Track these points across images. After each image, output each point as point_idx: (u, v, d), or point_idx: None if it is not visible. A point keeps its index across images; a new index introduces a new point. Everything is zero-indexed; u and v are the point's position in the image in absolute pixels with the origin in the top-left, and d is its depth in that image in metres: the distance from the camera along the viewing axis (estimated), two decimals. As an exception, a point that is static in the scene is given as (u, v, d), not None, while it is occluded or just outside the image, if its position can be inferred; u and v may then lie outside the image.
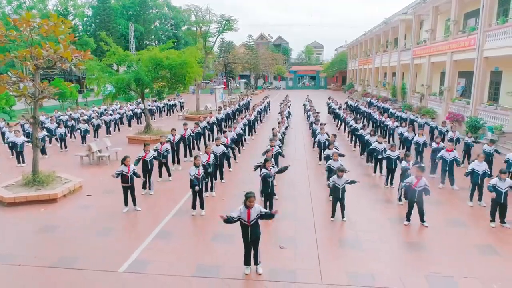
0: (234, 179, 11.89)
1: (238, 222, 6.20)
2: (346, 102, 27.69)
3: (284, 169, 9.09)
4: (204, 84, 43.18)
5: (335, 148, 11.09)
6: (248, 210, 6.07)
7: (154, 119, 26.30)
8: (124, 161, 9.03)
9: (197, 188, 8.57)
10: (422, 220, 8.23)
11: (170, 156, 12.24)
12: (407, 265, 6.68)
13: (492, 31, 17.29)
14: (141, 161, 10.15)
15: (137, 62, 17.23)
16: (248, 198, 6.07)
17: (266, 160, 8.68)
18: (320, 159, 13.61)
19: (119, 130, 21.10)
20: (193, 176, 8.55)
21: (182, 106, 31.26)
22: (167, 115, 28.79)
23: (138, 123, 24.02)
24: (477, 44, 18.35)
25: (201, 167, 8.78)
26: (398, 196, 9.69)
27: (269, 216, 6.20)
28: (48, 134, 15.50)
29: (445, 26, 26.09)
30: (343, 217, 8.52)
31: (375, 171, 12.12)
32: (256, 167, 9.37)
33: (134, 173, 9.04)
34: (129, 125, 22.73)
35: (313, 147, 16.02)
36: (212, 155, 10.11)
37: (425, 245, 7.40)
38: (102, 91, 16.20)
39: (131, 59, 16.80)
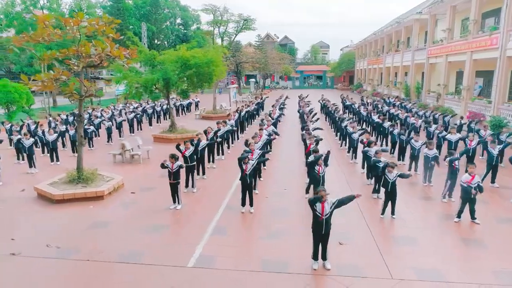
0: (272, 176, 11.96)
1: (313, 216, 6.30)
2: (362, 101, 27.71)
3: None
4: (221, 84, 43.30)
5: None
6: (322, 204, 6.15)
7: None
8: (171, 157, 9.09)
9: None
10: (473, 217, 8.28)
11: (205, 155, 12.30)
12: (470, 261, 6.75)
13: (517, 30, 17.34)
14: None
15: (162, 62, 17.27)
16: (319, 191, 6.14)
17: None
18: (352, 158, 13.69)
19: (141, 129, 21.16)
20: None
21: (197, 106, 31.32)
22: (182, 114, 28.84)
23: (157, 122, 24.09)
24: (500, 43, 18.41)
25: (250, 163, 8.84)
26: (443, 193, 9.75)
27: (343, 201, 6.24)
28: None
29: (461, 25, 26.14)
30: (392, 214, 8.59)
31: (409, 169, 12.17)
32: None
33: (181, 167, 9.11)
34: (150, 123, 22.79)
35: (341, 145, 16.13)
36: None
37: (483, 241, 7.45)
38: (130, 91, 16.25)
39: (157, 59, 16.84)
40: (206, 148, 11.69)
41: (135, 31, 37.43)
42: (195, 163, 10.59)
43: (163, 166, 9.03)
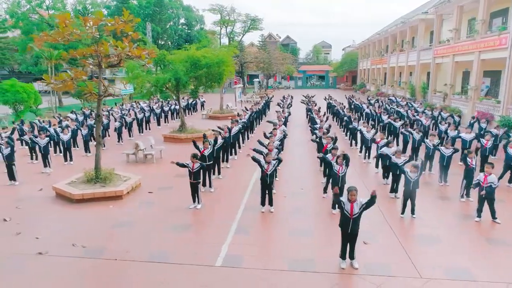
0: (287, 176, 11.98)
1: (341, 215, 6.33)
2: (369, 101, 27.76)
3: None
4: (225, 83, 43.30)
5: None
6: (351, 204, 6.17)
7: (179, 118, 26.39)
8: (191, 157, 9.11)
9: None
10: (494, 217, 8.31)
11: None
12: (496, 260, 6.76)
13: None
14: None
15: (172, 62, 17.29)
16: (349, 192, 6.17)
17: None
18: (364, 158, 13.71)
19: (149, 129, 21.18)
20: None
21: (203, 105, 31.33)
22: (189, 114, 28.85)
23: (165, 122, 24.11)
24: (509, 43, 18.43)
25: (271, 163, 8.86)
26: (461, 193, 9.77)
27: (372, 201, 6.25)
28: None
29: (468, 25, 26.16)
30: (412, 213, 8.62)
31: (424, 169, 12.18)
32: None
33: (202, 166, 9.12)
34: (158, 123, 22.79)
35: (351, 145, 16.15)
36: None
37: (505, 240, 7.47)
38: (141, 90, 16.27)
39: (168, 59, 16.86)
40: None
41: (139, 31, 37.48)
42: (212, 162, 10.60)
43: (179, 164, 9.03)
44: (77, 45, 16.80)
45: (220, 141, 11.46)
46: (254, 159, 8.96)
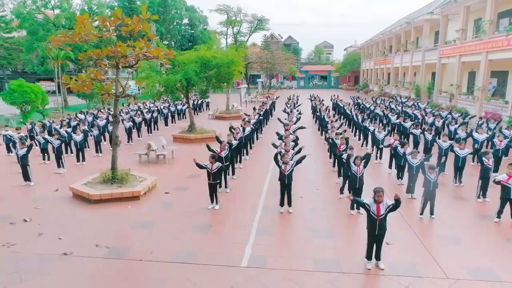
0: (301, 177, 11.98)
1: (366, 215, 6.34)
2: (375, 102, 27.78)
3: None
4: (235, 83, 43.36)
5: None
6: (377, 205, 6.19)
7: (185, 118, 26.44)
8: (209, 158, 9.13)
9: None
10: (514, 218, 8.33)
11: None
12: (520, 260, 6.79)
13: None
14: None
15: (182, 62, 17.30)
16: (376, 193, 6.18)
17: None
18: (376, 158, 13.72)
19: (157, 129, 21.20)
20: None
21: (208, 105, 31.34)
22: (195, 114, 28.85)
23: (172, 122, 24.12)
24: (518, 44, 18.46)
25: (289, 163, 8.87)
26: (477, 194, 9.79)
27: (398, 205, 6.26)
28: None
29: (474, 25, 26.18)
30: (432, 214, 8.63)
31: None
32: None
33: (219, 169, 9.14)
34: (166, 124, 22.80)
35: (361, 145, 16.16)
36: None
37: (528, 241, 7.50)
38: (151, 91, 16.29)
39: (178, 59, 16.86)
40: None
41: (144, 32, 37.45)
42: (229, 163, 10.62)
43: (199, 165, 9.05)
44: (81, 46, 16.86)
45: (235, 142, 11.48)
46: (275, 159, 8.98)
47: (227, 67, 16.85)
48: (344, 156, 9.83)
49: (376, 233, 6.28)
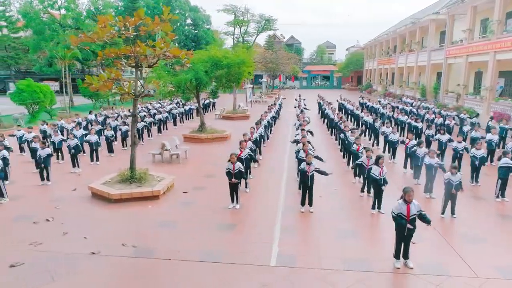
0: (320, 176, 11.99)
1: (397, 216, 6.36)
2: (380, 102, 27.81)
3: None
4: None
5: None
6: (408, 205, 6.20)
7: (193, 118, 26.50)
8: (230, 158, 9.15)
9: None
10: (536, 217, 8.35)
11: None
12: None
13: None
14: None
15: (192, 62, 17.29)
16: (406, 193, 6.19)
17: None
18: (390, 158, 13.73)
19: (166, 129, 21.22)
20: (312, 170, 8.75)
21: (214, 106, 31.36)
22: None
23: (180, 122, 24.14)
24: (527, 44, 18.49)
25: (312, 165, 8.89)
26: (496, 193, 9.81)
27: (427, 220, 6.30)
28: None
29: (480, 25, 26.21)
30: (453, 213, 8.65)
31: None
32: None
33: (240, 171, 9.14)
34: (174, 123, 22.82)
35: (373, 145, 16.17)
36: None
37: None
38: (163, 90, 16.30)
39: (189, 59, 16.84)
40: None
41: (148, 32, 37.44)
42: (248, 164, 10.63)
43: (228, 174, 9.03)
44: (89, 44, 16.85)
45: (250, 143, 11.53)
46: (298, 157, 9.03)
47: (237, 67, 16.86)
48: (363, 158, 9.88)
49: (406, 233, 6.29)
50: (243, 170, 9.47)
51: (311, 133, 14.02)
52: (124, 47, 9.97)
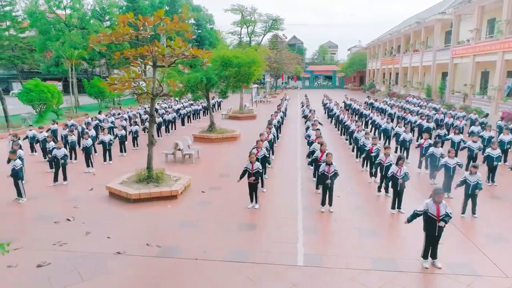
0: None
1: (422, 216, 6.34)
2: (386, 103, 27.78)
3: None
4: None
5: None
6: (437, 206, 6.18)
7: (200, 118, 26.49)
8: (249, 157, 9.13)
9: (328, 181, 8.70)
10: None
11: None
12: None
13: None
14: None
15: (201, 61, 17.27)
16: (437, 194, 6.17)
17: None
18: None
19: (175, 129, 21.20)
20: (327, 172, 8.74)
21: (219, 105, 31.34)
22: (206, 114, 28.83)
23: (188, 122, 24.13)
24: (536, 44, 18.49)
25: (332, 165, 8.86)
26: (515, 193, 9.81)
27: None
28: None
29: (487, 25, 26.21)
30: (473, 213, 8.64)
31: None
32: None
33: (258, 171, 9.12)
34: (182, 123, 22.80)
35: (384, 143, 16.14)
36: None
37: None
38: (173, 90, 16.24)
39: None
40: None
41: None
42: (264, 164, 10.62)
43: (243, 175, 9.06)
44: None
45: (266, 143, 11.52)
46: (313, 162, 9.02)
47: (248, 67, 16.84)
48: (381, 156, 9.89)
49: (436, 234, 6.27)
50: (261, 170, 9.46)
51: (320, 123, 14.01)
52: (142, 47, 9.94)
